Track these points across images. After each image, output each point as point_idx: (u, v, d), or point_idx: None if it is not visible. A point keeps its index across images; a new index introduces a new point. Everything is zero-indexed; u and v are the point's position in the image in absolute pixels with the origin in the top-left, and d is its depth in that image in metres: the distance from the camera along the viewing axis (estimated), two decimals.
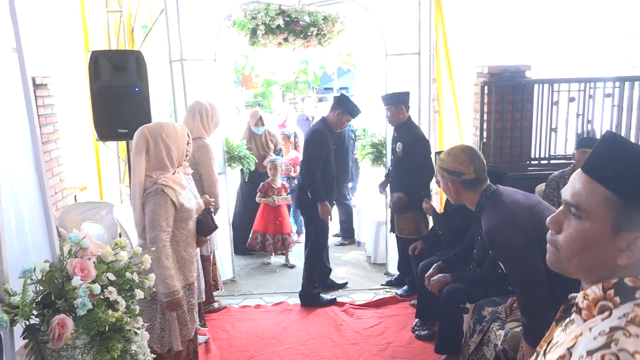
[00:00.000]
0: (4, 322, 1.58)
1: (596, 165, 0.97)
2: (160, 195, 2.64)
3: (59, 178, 4.76)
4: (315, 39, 5.27)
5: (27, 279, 1.69)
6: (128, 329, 1.86)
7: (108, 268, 1.93)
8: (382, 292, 4.83)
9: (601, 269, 0.97)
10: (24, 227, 1.89)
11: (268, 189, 5.56)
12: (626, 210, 0.93)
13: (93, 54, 4.37)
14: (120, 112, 4.34)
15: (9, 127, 1.84)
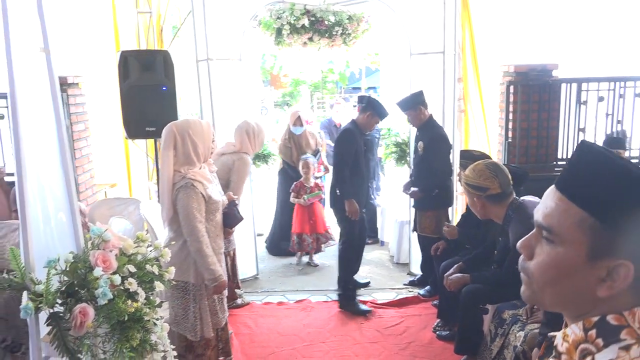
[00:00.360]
0: (29, 309, 1.67)
1: (569, 181, 0.84)
2: (190, 189, 2.77)
3: (89, 175, 4.91)
4: (340, 38, 5.30)
5: (51, 269, 1.77)
6: (147, 319, 1.93)
7: (129, 260, 2.00)
8: (404, 291, 4.83)
9: (579, 302, 0.84)
10: (49, 221, 1.98)
11: (300, 188, 5.48)
12: (604, 234, 0.79)
13: (122, 54, 4.51)
14: (148, 110, 4.46)
15: (37, 124, 1.92)
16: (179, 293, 2.94)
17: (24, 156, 1.78)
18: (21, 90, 1.79)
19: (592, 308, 0.83)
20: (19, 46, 1.78)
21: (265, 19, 5.16)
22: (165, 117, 4.44)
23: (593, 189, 0.80)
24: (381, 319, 4.32)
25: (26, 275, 1.73)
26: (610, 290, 0.80)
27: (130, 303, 1.83)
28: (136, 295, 1.91)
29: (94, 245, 1.91)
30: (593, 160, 0.81)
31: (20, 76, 1.78)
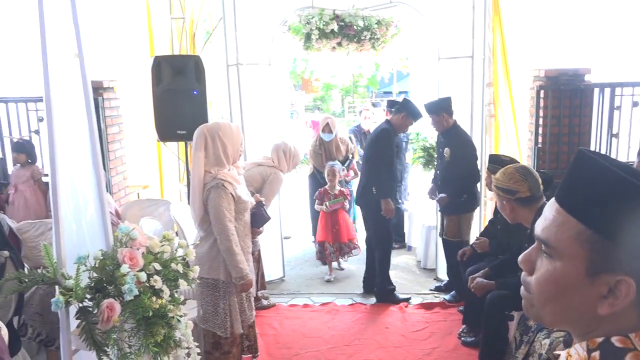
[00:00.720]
0: (59, 302, 1.75)
1: (566, 192, 0.80)
2: (221, 189, 2.86)
3: (122, 176, 5.06)
4: (368, 43, 5.32)
5: (81, 265, 1.86)
6: (171, 316, 1.99)
7: (155, 259, 2.07)
8: (430, 297, 4.81)
9: (580, 320, 0.80)
10: (81, 220, 2.07)
11: (324, 195, 5.28)
12: (603, 247, 0.75)
13: (156, 59, 4.63)
14: (179, 114, 4.57)
15: (70, 127, 2.01)
16: (209, 290, 3.03)
17: (58, 158, 1.87)
18: (56, 94, 1.88)
19: (595, 326, 0.79)
20: (54, 52, 1.87)
21: (295, 24, 5.22)
22: (196, 120, 4.54)
23: (590, 200, 0.76)
24: (406, 324, 4.31)
25: (57, 270, 1.81)
26: (612, 308, 0.75)
27: (155, 299, 1.90)
28: (161, 292, 1.98)
29: (122, 243, 1.99)
30: (589, 169, 0.76)
31: (55, 81, 1.87)
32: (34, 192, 4.78)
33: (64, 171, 1.94)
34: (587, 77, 4.62)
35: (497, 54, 5.41)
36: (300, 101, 21.50)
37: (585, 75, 4.61)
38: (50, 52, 1.85)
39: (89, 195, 2.15)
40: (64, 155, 1.94)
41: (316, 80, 18.80)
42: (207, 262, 2.97)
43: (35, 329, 3.44)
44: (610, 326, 0.77)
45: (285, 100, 6.53)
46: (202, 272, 2.87)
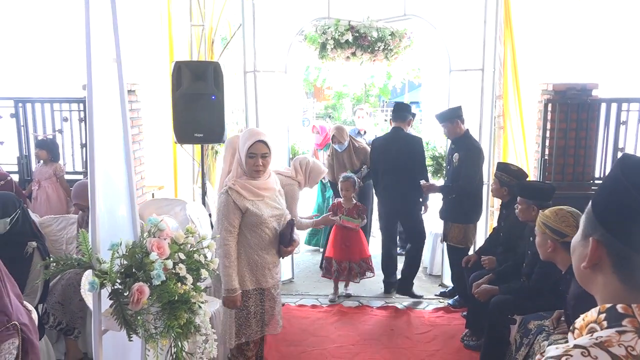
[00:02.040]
0: (95, 284, 1.94)
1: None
2: (224, 195, 2.88)
3: (140, 176, 5.27)
4: (382, 53, 5.51)
5: (115, 251, 2.04)
6: (193, 301, 2.17)
7: (179, 249, 2.26)
8: (435, 302, 4.95)
9: (581, 276, 1.07)
10: (113, 211, 2.26)
11: (338, 208, 4.92)
12: (591, 218, 1.03)
13: (176, 64, 4.84)
14: (197, 117, 4.77)
15: (106, 127, 2.21)
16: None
17: (96, 154, 2.06)
18: (97, 96, 2.08)
19: (592, 287, 1.04)
20: (96, 56, 2.07)
21: (311, 33, 5.43)
22: (213, 124, 4.78)
23: (601, 190, 1.05)
24: (411, 326, 4.46)
25: (93, 255, 2.00)
26: (588, 262, 1.01)
27: (180, 285, 2.08)
28: (185, 280, 2.16)
29: (150, 233, 2.17)
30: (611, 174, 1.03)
31: (96, 84, 2.07)
32: (56, 188, 5.00)
33: (100, 167, 2.12)
34: (594, 92, 4.77)
35: (508, 67, 5.58)
36: (312, 109, 21.75)
37: (593, 90, 4.76)
38: (94, 57, 2.05)
39: (121, 191, 2.34)
40: (101, 152, 2.13)
41: (328, 89, 19.01)
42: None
43: (56, 318, 3.64)
44: (603, 290, 1.01)
45: (297, 107, 6.71)
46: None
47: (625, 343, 0.91)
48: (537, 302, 3.40)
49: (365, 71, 14.49)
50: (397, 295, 5.09)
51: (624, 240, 0.97)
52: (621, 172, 0.99)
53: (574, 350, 0.91)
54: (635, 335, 0.92)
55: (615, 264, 0.98)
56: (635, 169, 0.99)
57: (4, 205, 3.21)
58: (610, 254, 0.99)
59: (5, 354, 2.32)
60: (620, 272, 0.98)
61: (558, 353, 0.92)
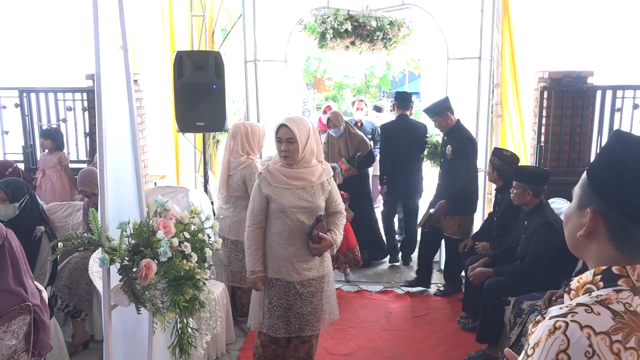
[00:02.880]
0: (105, 259, 2.05)
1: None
2: (257, 179, 2.97)
3: (142, 164, 5.35)
4: (380, 43, 5.59)
5: (123, 230, 2.15)
6: (198, 278, 2.28)
7: (184, 228, 2.37)
8: (433, 287, 5.07)
9: (574, 245, 1.14)
10: (121, 193, 2.37)
11: None
12: (587, 189, 1.09)
13: (178, 54, 4.92)
14: (198, 106, 4.86)
15: (115, 113, 2.31)
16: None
17: (106, 139, 2.17)
18: (105, 83, 2.18)
19: (586, 253, 1.11)
20: (104, 44, 2.17)
21: (311, 23, 5.51)
22: (215, 113, 4.87)
23: (597, 163, 1.11)
24: (408, 310, 4.59)
25: (102, 233, 2.11)
26: (585, 230, 1.08)
27: (185, 262, 2.19)
28: (190, 257, 2.27)
29: (157, 213, 2.28)
30: (606, 148, 1.11)
31: (105, 71, 2.17)
32: (60, 176, 5.11)
33: (108, 152, 2.23)
34: (589, 80, 4.86)
35: (506, 55, 5.66)
36: (312, 100, 21.81)
37: (588, 77, 4.85)
38: (102, 44, 2.15)
39: (128, 175, 2.45)
40: (110, 138, 2.23)
41: (328, 80, 19.07)
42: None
43: (64, 301, 3.76)
44: (597, 255, 1.08)
45: (298, 97, 6.78)
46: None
47: (623, 300, 1.00)
48: (530, 283, 3.52)
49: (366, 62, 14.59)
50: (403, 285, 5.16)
51: (621, 211, 1.05)
52: (618, 145, 1.08)
53: (578, 307, 0.99)
54: (631, 292, 1.02)
55: (611, 233, 1.06)
56: (631, 143, 1.07)
57: (13, 191, 3.32)
58: (606, 224, 1.06)
59: (15, 328, 2.44)
60: (616, 240, 1.07)
61: (563, 312, 0.99)
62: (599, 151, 1.15)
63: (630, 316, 1.00)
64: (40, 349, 2.60)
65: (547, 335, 0.98)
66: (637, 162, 1.05)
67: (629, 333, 0.98)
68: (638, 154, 1.06)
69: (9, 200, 3.29)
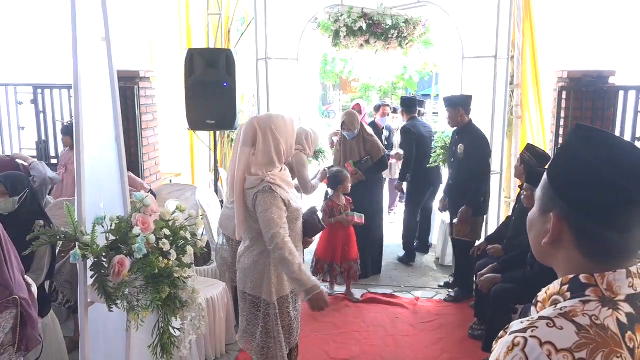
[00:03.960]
0: (77, 254, 1.99)
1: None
2: (269, 193, 2.49)
3: (154, 162, 5.36)
4: (395, 41, 5.46)
5: (98, 225, 2.09)
6: (176, 276, 2.21)
7: (166, 226, 2.30)
8: (443, 292, 4.91)
9: (540, 252, 1.03)
10: (103, 187, 2.32)
11: (334, 208, 4.64)
12: (549, 192, 0.99)
13: (189, 52, 4.90)
14: (209, 104, 4.82)
15: (97, 106, 2.26)
16: (249, 307, 2.68)
17: (83, 130, 2.11)
18: (85, 75, 2.13)
19: (553, 262, 1.01)
20: (83, 36, 2.11)
21: (324, 21, 5.42)
22: (225, 111, 4.83)
23: (556, 161, 1.01)
24: (416, 315, 4.44)
25: (77, 228, 2.06)
26: (549, 238, 0.97)
27: (161, 260, 2.12)
28: (169, 255, 2.20)
29: (136, 209, 2.22)
30: (565, 144, 1.01)
31: (84, 63, 2.12)
32: None
33: (90, 146, 2.18)
34: (611, 80, 4.63)
35: (527, 55, 5.45)
36: (338, 101, 21.71)
37: (610, 77, 4.61)
38: (80, 36, 2.10)
39: (112, 169, 2.40)
40: (90, 131, 2.18)
41: (354, 81, 18.97)
42: (250, 277, 2.64)
43: (65, 296, 3.75)
44: (565, 264, 0.98)
45: (312, 96, 6.67)
46: (243, 286, 2.65)
47: (590, 312, 0.91)
48: (538, 291, 3.34)
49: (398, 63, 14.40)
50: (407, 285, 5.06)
51: (586, 214, 0.94)
52: (576, 140, 0.97)
53: (539, 322, 0.90)
54: (599, 304, 0.92)
55: (577, 239, 0.96)
56: (590, 137, 0.96)
57: (13, 185, 3.31)
58: (571, 229, 0.96)
59: (2, 322, 2.41)
60: (583, 246, 0.96)
61: (523, 326, 0.91)
62: (558, 148, 1.03)
63: (597, 330, 0.89)
64: (28, 343, 2.56)
65: (506, 353, 0.90)
66: (597, 157, 0.92)
67: (594, 350, 0.87)
68: (598, 148, 0.94)
69: (8, 194, 3.28)
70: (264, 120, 2.58)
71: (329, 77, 18.50)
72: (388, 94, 19.13)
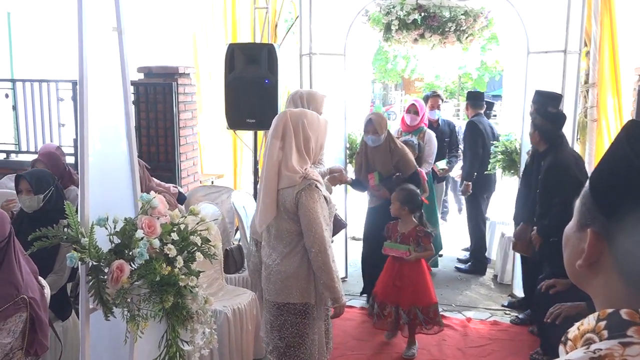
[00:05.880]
0: (73, 257, 1.97)
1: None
2: (315, 190, 2.52)
3: (192, 162, 5.40)
4: (453, 35, 5.26)
5: (100, 226, 2.07)
6: (182, 285, 2.15)
7: (176, 230, 2.25)
8: (500, 313, 4.64)
9: (573, 275, 0.89)
10: (111, 186, 2.30)
11: (391, 232, 3.94)
12: (589, 203, 0.85)
13: (230, 47, 4.90)
14: (249, 102, 4.79)
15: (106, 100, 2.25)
16: (296, 318, 2.64)
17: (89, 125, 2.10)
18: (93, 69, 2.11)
19: (588, 287, 0.86)
20: (92, 26, 2.10)
21: (375, 14, 5.30)
22: (266, 110, 4.78)
23: (600, 166, 0.85)
24: (466, 338, 4.21)
25: (77, 228, 2.04)
26: (584, 260, 0.83)
27: (165, 266, 2.07)
28: (175, 262, 2.15)
29: (143, 210, 2.18)
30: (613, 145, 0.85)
31: (93, 55, 2.11)
32: None
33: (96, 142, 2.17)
34: None
35: (605, 50, 5.11)
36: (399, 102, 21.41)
37: None
38: (89, 25, 2.08)
39: (122, 168, 2.38)
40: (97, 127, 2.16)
41: (418, 80, 18.64)
42: (296, 284, 2.59)
43: None
44: (603, 293, 0.84)
45: (364, 95, 6.55)
46: (286, 297, 2.59)
47: (631, 358, 0.75)
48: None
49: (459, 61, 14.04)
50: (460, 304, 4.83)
51: (631, 232, 0.78)
52: (626, 140, 0.81)
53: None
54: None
55: (619, 262, 0.81)
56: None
57: (38, 182, 3.39)
58: (612, 249, 0.82)
59: (12, 326, 2.44)
60: (626, 273, 0.81)
61: None
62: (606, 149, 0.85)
63: None
64: (37, 348, 2.60)
65: None
66: None
67: None
68: None
69: (33, 192, 3.36)
70: (296, 114, 2.63)
71: (390, 76, 18.26)
72: (455, 94, 18.69)
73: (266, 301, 2.79)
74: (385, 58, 15.64)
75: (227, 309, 3.52)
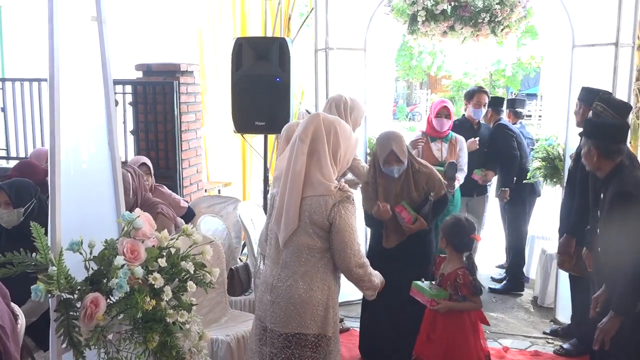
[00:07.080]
0: (39, 290, 1.76)
1: None
2: (352, 204, 2.47)
3: (195, 169, 5.21)
4: (487, 27, 5.00)
5: (74, 251, 1.86)
6: (170, 321, 1.93)
7: (165, 254, 2.03)
8: (542, 342, 4.36)
9: None
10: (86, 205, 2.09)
11: (436, 268, 3.45)
12: None
13: (237, 41, 4.70)
14: (258, 103, 4.60)
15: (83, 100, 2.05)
16: (307, 352, 2.45)
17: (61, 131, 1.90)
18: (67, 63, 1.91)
19: None
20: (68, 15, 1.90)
21: (399, 4, 5.06)
22: (277, 111, 4.58)
23: None
24: None
25: (47, 255, 1.83)
26: None
27: (148, 300, 1.85)
28: (162, 293, 1.93)
29: (125, 232, 1.97)
30: None
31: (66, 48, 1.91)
32: None
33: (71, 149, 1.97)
34: None
35: None
36: (425, 101, 21.13)
37: None
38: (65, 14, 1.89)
39: (103, 181, 2.18)
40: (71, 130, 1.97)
41: (445, 78, 18.34)
42: (311, 311, 2.43)
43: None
44: None
45: (386, 94, 6.29)
46: (297, 327, 2.41)
47: None
48: None
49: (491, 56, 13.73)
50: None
51: None
52: None
53: None
54: None
55: None
56: None
57: (18, 194, 3.22)
58: None
59: None
60: None
61: None
62: None
63: None
64: None
65: None
66: None
67: None
68: None
69: (12, 205, 3.18)
70: (330, 120, 2.53)
71: (414, 74, 18.00)
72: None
73: (270, 331, 2.54)
74: (409, 54, 15.40)
75: (230, 337, 3.28)
